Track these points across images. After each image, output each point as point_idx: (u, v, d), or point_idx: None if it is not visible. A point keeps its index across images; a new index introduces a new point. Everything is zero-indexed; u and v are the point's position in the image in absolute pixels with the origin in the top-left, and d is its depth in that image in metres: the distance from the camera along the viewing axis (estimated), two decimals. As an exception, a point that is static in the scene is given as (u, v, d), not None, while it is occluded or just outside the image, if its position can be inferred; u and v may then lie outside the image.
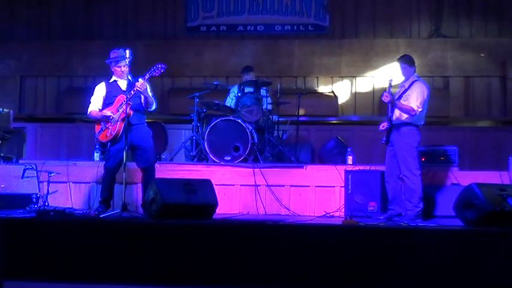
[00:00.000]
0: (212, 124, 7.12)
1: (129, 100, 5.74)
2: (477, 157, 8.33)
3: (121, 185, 5.74)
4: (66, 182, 6.72)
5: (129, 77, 5.84)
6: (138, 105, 5.96)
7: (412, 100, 5.87)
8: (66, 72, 10.13)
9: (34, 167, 6.53)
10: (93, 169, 6.70)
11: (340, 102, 9.63)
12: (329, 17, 9.93)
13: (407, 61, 6.10)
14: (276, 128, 7.79)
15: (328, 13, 9.92)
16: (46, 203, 6.16)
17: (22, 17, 10.35)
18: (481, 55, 9.55)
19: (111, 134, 5.83)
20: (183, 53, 9.87)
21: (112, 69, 6.02)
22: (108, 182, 5.98)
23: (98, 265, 4.74)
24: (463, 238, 4.69)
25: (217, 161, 7.01)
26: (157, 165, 6.45)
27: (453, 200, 5.34)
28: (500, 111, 9.58)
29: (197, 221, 5.10)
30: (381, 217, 6.01)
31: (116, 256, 4.75)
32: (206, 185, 5.57)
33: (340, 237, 4.77)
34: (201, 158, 7.29)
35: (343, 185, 6.47)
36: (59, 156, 8.85)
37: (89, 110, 6.04)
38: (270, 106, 7.76)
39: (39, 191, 6.35)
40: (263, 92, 7.61)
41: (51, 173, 6.35)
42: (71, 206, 6.50)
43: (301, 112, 8.00)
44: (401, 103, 5.91)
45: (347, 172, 6.47)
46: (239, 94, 7.45)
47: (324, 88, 9.79)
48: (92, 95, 6.07)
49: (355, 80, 9.86)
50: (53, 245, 4.82)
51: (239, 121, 7.08)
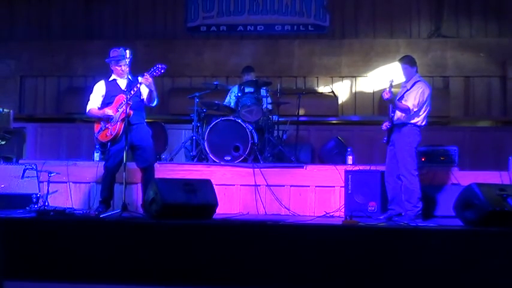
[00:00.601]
0: (212, 124, 7.12)
1: (129, 100, 5.74)
2: (477, 157, 8.33)
3: (121, 185, 5.74)
4: (66, 182, 6.72)
5: (129, 77, 5.84)
6: (138, 104, 5.95)
7: (410, 99, 5.88)
8: (66, 72, 10.14)
9: (34, 167, 6.53)
10: (93, 169, 6.70)
11: (340, 102, 9.63)
12: (329, 17, 9.93)
13: (408, 62, 6.09)
14: (276, 128, 7.79)
15: (328, 13, 9.92)
16: (46, 203, 6.16)
17: (22, 17, 10.36)
18: (481, 55, 9.55)
19: (111, 134, 5.82)
20: (183, 53, 9.88)
21: (112, 68, 6.02)
22: (108, 182, 5.98)
23: (98, 265, 4.74)
24: (463, 238, 4.69)
25: (217, 161, 7.01)
26: (157, 165, 6.46)
27: (453, 200, 5.34)
28: (500, 111, 9.58)
29: (197, 221, 5.10)
30: (381, 217, 6.02)
31: (116, 256, 4.75)
32: (206, 185, 5.57)
33: (340, 237, 4.77)
34: (201, 158, 7.29)
35: (343, 185, 6.47)
36: (59, 156, 8.85)
37: (88, 108, 6.02)
38: (270, 106, 7.76)
39: (39, 191, 6.35)
40: (263, 92, 7.61)
41: (51, 173, 6.35)
42: (71, 206, 6.50)
43: (301, 112, 8.00)
44: (399, 102, 5.91)
45: (347, 172, 6.47)
46: (239, 94, 7.45)
47: (324, 88, 9.79)
48: (91, 93, 6.06)
49: (355, 80, 9.86)
50: (53, 245, 4.83)
51: (239, 121, 7.08)
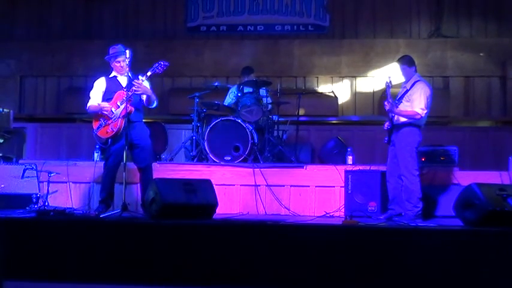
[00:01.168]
0: (212, 124, 7.12)
1: (130, 97, 5.74)
2: (477, 157, 8.33)
3: (121, 185, 5.74)
4: (66, 182, 6.72)
5: (129, 74, 5.84)
6: (139, 102, 5.96)
7: (416, 103, 5.83)
8: (66, 72, 10.15)
9: (34, 167, 6.52)
10: (93, 169, 6.68)
11: (340, 102, 9.63)
12: (329, 17, 9.94)
13: (406, 62, 6.08)
14: (276, 128, 7.79)
15: (328, 13, 9.93)
16: (46, 203, 6.16)
17: (22, 17, 10.37)
18: (481, 55, 9.55)
19: (112, 131, 5.81)
20: (183, 53, 9.88)
21: (112, 65, 6.01)
22: (108, 181, 5.97)
23: (98, 265, 4.74)
24: (463, 238, 4.69)
25: (217, 161, 7.01)
26: (157, 165, 6.46)
27: (453, 200, 5.34)
28: (500, 111, 9.58)
29: (197, 221, 5.10)
30: (381, 217, 6.01)
31: (116, 256, 4.75)
32: (206, 185, 5.57)
33: (340, 237, 4.77)
34: (201, 158, 7.29)
35: (343, 185, 6.46)
36: (59, 156, 8.84)
37: (88, 105, 6.01)
38: (270, 106, 7.76)
39: (39, 191, 6.35)
40: (263, 92, 7.61)
41: (51, 173, 6.35)
42: (71, 206, 6.50)
43: (301, 112, 8.00)
44: (402, 110, 5.88)
45: (347, 172, 6.47)
46: (239, 94, 7.45)
47: (324, 88, 9.79)
48: (92, 90, 6.05)
49: (355, 80, 9.86)
50: (53, 245, 4.82)
51: (239, 121, 7.08)
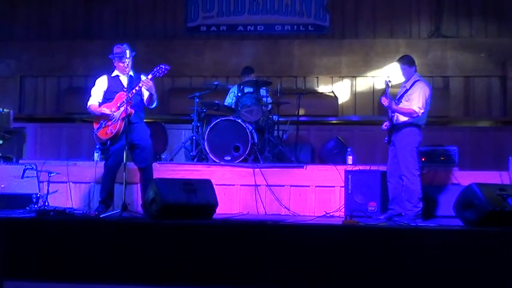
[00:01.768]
0: (212, 124, 7.12)
1: (130, 99, 5.74)
2: (477, 157, 8.33)
3: (121, 185, 5.74)
4: (66, 182, 6.72)
5: (131, 73, 5.84)
6: (139, 103, 5.95)
7: (414, 102, 5.84)
8: (66, 72, 10.15)
9: (34, 167, 6.53)
10: (93, 169, 6.69)
11: (340, 102, 9.63)
12: (329, 17, 9.94)
13: (407, 62, 6.08)
14: (276, 128, 7.79)
15: (328, 13, 9.93)
16: (46, 203, 6.16)
17: (22, 17, 10.37)
18: (481, 55, 9.55)
19: (111, 132, 5.81)
20: (183, 53, 9.88)
21: (115, 63, 6.00)
22: (108, 181, 5.97)
23: (98, 265, 4.74)
24: (463, 238, 4.69)
25: (217, 161, 7.01)
26: (157, 165, 6.46)
27: (453, 200, 5.34)
28: (500, 111, 9.58)
29: (197, 221, 5.10)
30: (381, 217, 6.01)
31: (116, 256, 4.75)
32: (206, 185, 5.57)
33: (340, 237, 4.77)
34: (201, 158, 7.29)
35: (343, 185, 6.46)
36: (59, 156, 8.84)
37: (89, 103, 6.00)
38: (270, 106, 7.76)
39: (39, 191, 6.35)
40: (263, 92, 7.61)
41: (51, 173, 6.35)
42: (71, 206, 6.50)
43: (301, 112, 8.00)
44: (400, 107, 5.89)
45: (347, 172, 6.47)
46: (239, 94, 7.45)
47: (324, 88, 9.79)
48: (93, 87, 6.04)
49: (355, 80, 9.86)
50: (53, 245, 4.83)
51: (239, 121, 7.08)
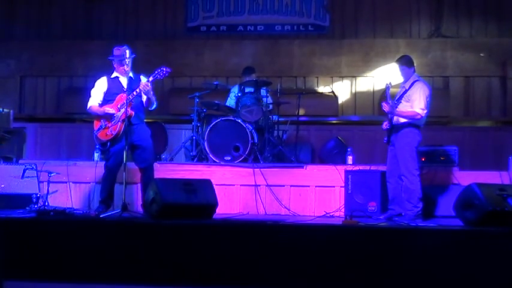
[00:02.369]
0: (212, 124, 7.12)
1: (131, 100, 5.74)
2: (477, 157, 8.32)
3: (121, 185, 5.74)
4: (66, 182, 6.72)
5: (131, 75, 5.84)
6: (139, 104, 5.95)
7: (416, 104, 5.83)
8: (66, 72, 10.14)
9: (34, 167, 6.53)
10: (93, 169, 6.69)
11: (340, 102, 9.63)
12: (329, 17, 9.93)
13: (405, 62, 6.07)
14: (276, 128, 7.79)
15: (328, 13, 9.93)
16: (46, 203, 6.15)
17: (22, 17, 10.36)
18: (481, 55, 9.55)
19: (111, 134, 5.82)
20: (183, 53, 9.88)
21: (114, 65, 6.01)
22: (108, 182, 5.98)
23: (98, 265, 4.74)
24: (463, 238, 4.69)
25: (217, 161, 7.01)
26: (157, 165, 6.46)
27: (453, 200, 5.34)
28: (500, 111, 9.58)
29: (197, 221, 5.10)
30: (381, 217, 6.01)
31: (116, 256, 4.75)
32: (206, 185, 5.57)
33: (340, 237, 4.77)
34: (201, 158, 7.29)
35: (343, 185, 6.46)
36: (59, 156, 8.84)
37: (89, 105, 6.00)
38: (270, 106, 7.76)
39: (39, 191, 6.35)
40: (263, 92, 7.61)
41: (51, 173, 6.35)
42: (71, 206, 6.49)
43: (301, 112, 8.00)
44: (402, 111, 5.88)
45: (347, 172, 6.47)
46: (239, 94, 7.45)
47: (324, 88, 9.79)
48: (93, 88, 6.04)
49: (355, 80, 9.86)
50: (53, 245, 4.83)
51: (239, 121, 7.08)
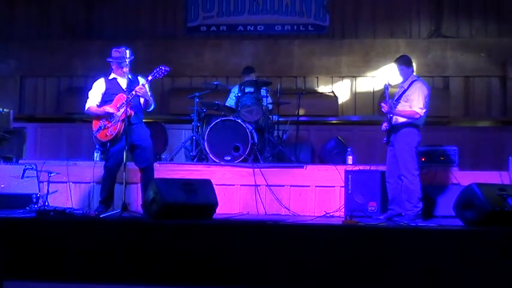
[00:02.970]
0: (212, 124, 7.12)
1: (130, 100, 5.73)
2: (477, 157, 8.33)
3: (121, 185, 5.74)
4: (66, 182, 6.72)
5: (129, 76, 5.84)
6: (138, 105, 5.95)
7: (414, 103, 5.83)
8: (66, 72, 10.15)
9: (34, 167, 6.53)
10: (93, 169, 6.69)
11: (340, 102, 9.63)
12: (329, 17, 9.94)
13: (404, 62, 6.08)
14: (276, 128, 7.79)
15: (328, 13, 9.93)
16: (46, 203, 6.16)
17: (22, 17, 10.37)
18: (481, 55, 9.56)
19: (111, 134, 5.81)
20: (183, 53, 9.89)
21: (112, 66, 6.00)
22: (108, 182, 5.97)
23: (98, 265, 4.74)
24: (463, 238, 4.69)
25: (217, 161, 7.01)
26: (157, 165, 6.46)
27: (453, 200, 5.34)
28: (500, 111, 9.59)
29: (197, 221, 5.10)
30: (381, 217, 6.01)
31: (116, 256, 4.75)
32: (206, 185, 5.56)
33: (340, 237, 4.77)
34: (201, 158, 7.29)
35: (343, 185, 6.46)
36: (59, 156, 8.84)
37: (87, 106, 5.99)
38: (270, 106, 7.76)
39: (39, 191, 6.35)
40: (263, 92, 7.61)
41: (51, 173, 6.35)
42: (71, 206, 6.50)
43: (301, 112, 8.00)
44: (401, 110, 5.88)
45: (347, 172, 6.47)
46: (239, 94, 7.45)
47: (324, 88, 9.80)
48: (90, 90, 6.03)
49: (355, 80, 9.86)
50: (53, 245, 4.82)
51: (239, 121, 7.08)
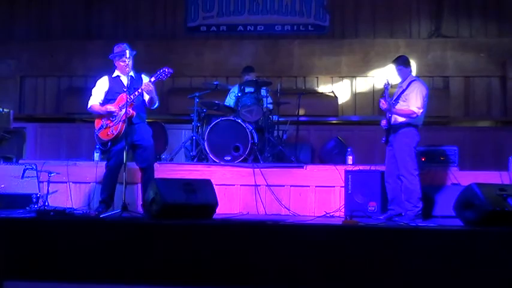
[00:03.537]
0: (212, 124, 7.12)
1: (132, 100, 5.73)
2: (477, 157, 8.33)
3: (121, 185, 5.74)
4: (66, 182, 6.72)
5: (132, 74, 5.83)
6: (140, 105, 5.95)
7: (412, 102, 5.85)
8: (66, 72, 10.16)
9: (34, 167, 6.53)
10: (93, 169, 6.69)
11: (340, 102, 9.64)
12: (329, 17, 9.94)
13: (402, 62, 6.09)
14: (276, 128, 7.79)
15: (328, 13, 9.93)
16: (46, 203, 6.16)
17: (22, 17, 10.37)
18: (481, 55, 9.56)
19: (112, 134, 5.81)
20: (183, 53, 9.88)
21: (115, 63, 5.99)
22: (109, 182, 5.96)
23: (98, 265, 4.74)
24: (463, 238, 4.69)
25: (217, 161, 7.01)
26: (157, 165, 6.45)
27: (453, 200, 5.34)
28: (500, 111, 9.59)
29: (197, 221, 5.10)
30: (381, 217, 6.02)
31: (116, 256, 4.75)
32: (206, 185, 5.57)
33: (340, 237, 4.77)
34: (201, 158, 7.29)
35: (343, 185, 6.47)
36: (59, 156, 8.84)
37: (90, 104, 5.98)
38: (270, 106, 7.76)
39: (39, 191, 6.36)
40: (263, 92, 7.61)
41: (51, 173, 6.35)
42: (71, 206, 6.50)
43: (301, 112, 8.01)
44: (399, 109, 5.89)
45: (347, 172, 6.47)
46: (239, 94, 7.45)
47: (324, 88, 9.80)
48: (94, 87, 6.03)
49: (355, 80, 9.87)
50: (53, 245, 4.82)
51: (239, 121, 7.08)
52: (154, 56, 9.31)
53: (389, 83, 6.02)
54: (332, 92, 9.44)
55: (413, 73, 6.27)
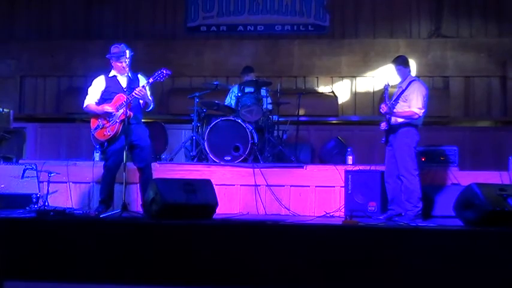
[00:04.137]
0: (212, 124, 7.12)
1: (130, 101, 5.73)
2: (477, 157, 8.33)
3: (121, 185, 5.74)
4: (66, 182, 6.71)
5: (129, 74, 5.83)
6: (138, 105, 5.93)
7: (413, 103, 5.85)
8: (66, 72, 10.15)
9: (34, 167, 6.53)
10: (93, 169, 6.69)
11: (340, 102, 9.64)
12: (329, 17, 9.94)
13: (401, 62, 6.09)
14: (276, 128, 7.79)
15: (328, 13, 9.94)
16: (46, 203, 6.16)
17: (22, 17, 10.37)
18: (481, 55, 9.56)
19: (108, 134, 5.80)
20: (183, 53, 9.89)
21: (112, 64, 5.98)
22: (108, 182, 5.96)
23: (98, 265, 4.74)
24: (463, 238, 4.69)
25: (217, 161, 7.01)
26: (157, 165, 6.45)
27: (453, 200, 5.34)
28: (500, 111, 9.59)
29: (197, 221, 5.10)
30: (381, 217, 6.02)
31: (116, 256, 4.75)
32: (206, 185, 5.57)
33: (340, 237, 4.77)
34: (201, 158, 7.29)
35: (343, 185, 6.47)
36: (59, 156, 8.85)
37: (86, 103, 5.94)
38: (270, 106, 7.77)
39: (39, 191, 6.35)
40: (263, 92, 7.61)
41: (51, 173, 6.35)
42: (71, 206, 6.50)
43: (301, 112, 8.01)
44: (400, 111, 5.89)
45: (347, 172, 6.47)
46: (239, 94, 7.45)
47: (324, 88, 9.80)
48: (90, 86, 6.00)
49: (355, 80, 9.87)
50: (53, 245, 4.82)
51: (239, 121, 7.08)
52: (154, 56, 9.32)
53: (389, 84, 6.02)
54: (332, 92, 9.44)
55: (412, 73, 6.27)
